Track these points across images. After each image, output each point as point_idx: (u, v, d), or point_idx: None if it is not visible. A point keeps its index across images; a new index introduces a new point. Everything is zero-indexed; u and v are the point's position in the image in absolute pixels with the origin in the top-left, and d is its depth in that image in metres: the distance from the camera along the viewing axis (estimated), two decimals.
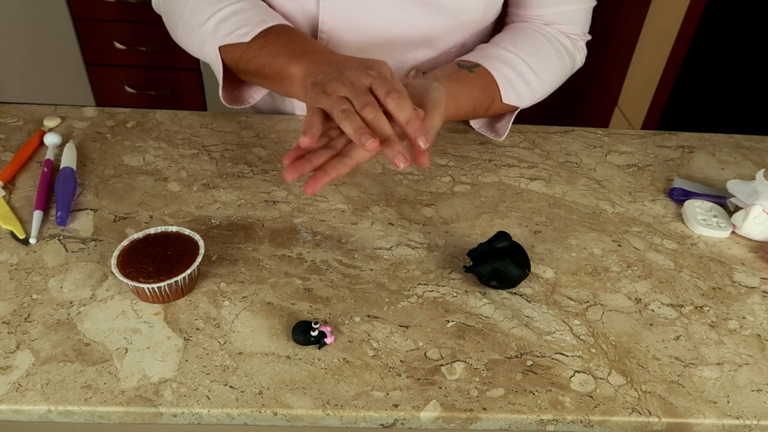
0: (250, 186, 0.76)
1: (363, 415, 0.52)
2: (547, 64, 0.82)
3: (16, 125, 0.84)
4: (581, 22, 0.86)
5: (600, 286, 0.66)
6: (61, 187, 0.71)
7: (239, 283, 0.63)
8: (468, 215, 0.74)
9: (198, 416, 0.52)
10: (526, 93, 0.80)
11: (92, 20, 2.10)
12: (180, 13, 0.77)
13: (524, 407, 0.53)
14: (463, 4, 0.78)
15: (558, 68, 0.84)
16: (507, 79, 0.78)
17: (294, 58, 0.67)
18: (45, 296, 0.60)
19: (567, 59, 0.85)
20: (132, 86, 2.23)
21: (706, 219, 0.74)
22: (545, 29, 0.84)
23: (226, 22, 0.73)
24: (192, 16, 0.76)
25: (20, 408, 0.51)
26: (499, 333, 0.60)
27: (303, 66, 0.66)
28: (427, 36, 0.81)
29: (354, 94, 0.57)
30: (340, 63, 0.62)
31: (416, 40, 0.82)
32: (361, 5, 0.78)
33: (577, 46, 0.87)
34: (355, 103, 0.56)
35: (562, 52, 0.84)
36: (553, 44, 0.83)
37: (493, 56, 0.79)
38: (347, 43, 0.82)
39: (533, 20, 0.85)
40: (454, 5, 0.78)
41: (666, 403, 0.55)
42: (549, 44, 0.83)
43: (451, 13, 0.79)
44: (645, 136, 0.92)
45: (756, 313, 0.64)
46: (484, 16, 0.80)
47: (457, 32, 0.82)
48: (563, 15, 0.84)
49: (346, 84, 0.58)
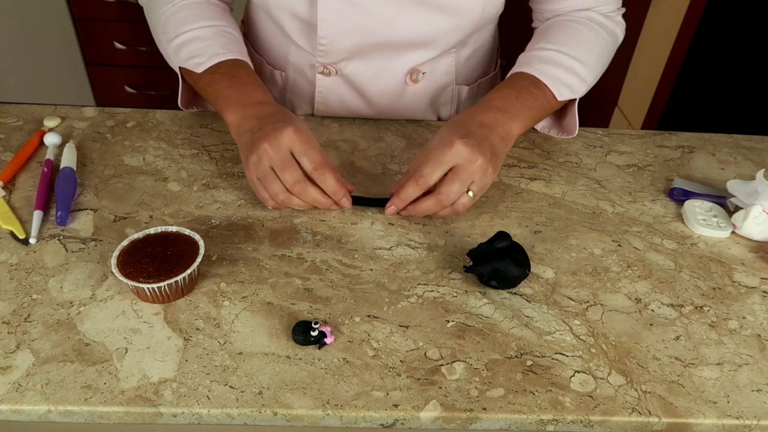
0: (250, 186, 0.76)
1: (363, 415, 0.52)
2: (589, 49, 0.81)
3: (16, 125, 0.84)
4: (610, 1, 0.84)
5: (600, 286, 0.66)
6: (61, 187, 0.71)
7: (239, 283, 0.63)
8: (468, 215, 0.74)
9: (198, 416, 0.52)
10: (577, 84, 0.79)
11: (92, 20, 2.10)
12: (155, 23, 0.82)
13: (524, 407, 0.53)
14: (461, 3, 0.78)
15: (601, 49, 0.82)
16: (554, 77, 0.77)
17: (229, 106, 0.73)
18: (45, 296, 0.60)
19: (607, 37, 0.83)
20: (132, 86, 2.23)
21: (706, 219, 0.74)
22: (578, 15, 0.83)
23: (186, 46, 0.77)
24: (162, 32, 0.81)
25: (20, 408, 0.51)
26: (499, 333, 0.60)
27: (235, 118, 0.72)
28: (425, 37, 0.81)
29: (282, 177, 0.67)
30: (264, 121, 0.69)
31: (415, 41, 0.82)
32: (359, 8, 0.77)
33: (615, 21, 0.85)
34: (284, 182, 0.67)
35: (600, 32, 0.82)
36: (589, 27, 0.82)
37: (533, 60, 0.79)
38: (345, 47, 0.82)
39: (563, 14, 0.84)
40: (453, 5, 0.78)
41: (666, 403, 0.54)
42: (585, 29, 0.82)
43: (450, 13, 0.78)
44: (645, 136, 0.92)
45: (756, 313, 0.64)
46: (483, 15, 0.80)
47: (456, 32, 0.82)
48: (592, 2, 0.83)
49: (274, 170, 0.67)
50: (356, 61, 0.85)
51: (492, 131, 0.70)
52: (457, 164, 0.66)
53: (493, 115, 0.72)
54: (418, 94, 0.90)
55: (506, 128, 0.72)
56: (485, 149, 0.67)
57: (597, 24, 0.83)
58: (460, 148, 0.66)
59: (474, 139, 0.67)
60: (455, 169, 0.67)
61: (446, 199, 0.67)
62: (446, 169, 0.67)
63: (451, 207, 0.69)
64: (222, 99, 0.73)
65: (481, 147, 0.67)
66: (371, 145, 0.85)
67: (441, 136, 0.69)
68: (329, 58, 0.84)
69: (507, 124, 0.72)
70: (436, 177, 0.67)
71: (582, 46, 0.80)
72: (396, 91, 0.89)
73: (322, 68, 0.86)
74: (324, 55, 0.83)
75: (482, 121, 0.71)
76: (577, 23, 0.82)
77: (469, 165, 0.66)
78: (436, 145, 0.68)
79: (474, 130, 0.69)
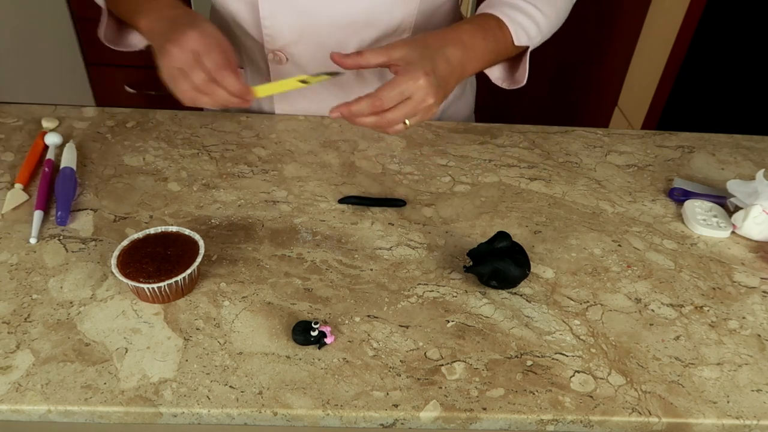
0: (250, 186, 0.76)
1: (363, 415, 0.52)
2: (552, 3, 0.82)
3: (16, 125, 0.84)
4: None
5: (600, 286, 0.66)
6: (61, 187, 0.71)
7: (239, 283, 0.63)
8: (468, 215, 0.74)
9: (198, 416, 0.52)
10: (535, 32, 0.80)
11: (92, 20, 2.09)
12: None
13: (524, 407, 0.53)
14: None
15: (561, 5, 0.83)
16: (516, 22, 0.78)
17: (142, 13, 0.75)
18: (45, 296, 0.60)
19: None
20: (132, 86, 2.23)
21: (706, 219, 0.74)
22: None
23: None
24: None
25: (20, 408, 0.51)
26: (499, 333, 0.60)
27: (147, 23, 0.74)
28: (367, 15, 0.81)
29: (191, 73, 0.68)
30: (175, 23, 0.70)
31: (357, 21, 0.81)
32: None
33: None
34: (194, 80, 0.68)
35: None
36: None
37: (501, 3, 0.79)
38: (289, 26, 0.81)
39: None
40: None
41: (666, 403, 0.55)
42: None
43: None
44: (645, 136, 0.92)
45: (756, 313, 0.64)
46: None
47: (397, 9, 0.81)
48: None
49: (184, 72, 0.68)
50: (303, 45, 0.84)
51: (453, 72, 0.71)
52: (410, 97, 0.67)
53: (460, 52, 0.72)
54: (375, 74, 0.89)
55: (465, 69, 0.73)
56: (439, 91, 0.69)
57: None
58: (423, 84, 0.67)
59: (436, 79, 0.68)
60: (407, 100, 0.67)
61: (386, 123, 0.68)
62: (403, 99, 0.67)
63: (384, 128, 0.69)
64: (136, 11, 0.76)
65: (437, 88, 0.68)
66: (371, 145, 0.85)
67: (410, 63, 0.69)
68: (276, 43, 0.83)
69: (468, 64, 0.73)
70: (390, 104, 0.67)
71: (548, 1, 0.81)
72: (351, 75, 0.87)
73: (272, 55, 0.85)
74: (270, 39, 0.83)
75: (449, 57, 0.71)
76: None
77: (421, 102, 0.67)
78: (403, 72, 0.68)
79: (440, 66, 0.70)
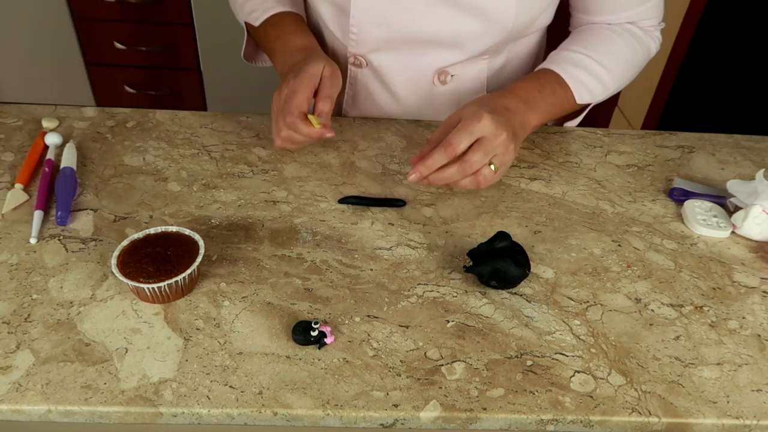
0: (250, 186, 0.76)
1: (363, 415, 0.52)
2: (618, 58, 0.83)
3: (16, 125, 0.84)
4: (654, 15, 0.86)
5: (600, 286, 0.66)
6: (61, 187, 0.71)
7: (239, 283, 0.63)
8: (468, 215, 0.74)
9: (198, 416, 0.52)
10: (599, 90, 0.82)
11: (92, 20, 2.10)
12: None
13: (524, 407, 0.53)
14: (491, 6, 0.77)
15: (630, 59, 0.84)
16: (578, 80, 0.80)
17: (275, 56, 0.83)
18: (45, 296, 0.60)
19: (638, 48, 0.85)
20: (132, 86, 2.23)
21: (706, 219, 0.74)
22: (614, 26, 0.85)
23: (248, 2, 0.87)
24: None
25: (20, 408, 0.51)
26: (499, 333, 0.60)
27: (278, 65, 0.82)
28: (455, 37, 0.81)
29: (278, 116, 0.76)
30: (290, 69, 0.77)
31: (444, 41, 0.82)
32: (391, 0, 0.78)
33: (652, 36, 0.87)
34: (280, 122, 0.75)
35: (632, 42, 0.84)
36: (623, 37, 0.84)
37: (563, 60, 0.81)
38: (375, 37, 0.83)
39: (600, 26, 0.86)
40: (483, 7, 0.77)
41: (666, 403, 0.55)
42: (619, 38, 0.83)
43: (480, 15, 0.78)
44: (645, 136, 0.92)
45: (756, 313, 0.64)
46: (515, 24, 0.79)
47: (485, 37, 0.81)
48: (634, 16, 0.85)
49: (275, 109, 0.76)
50: (385, 54, 0.85)
51: (514, 115, 0.73)
52: (483, 136, 0.68)
53: (515, 102, 0.75)
54: (446, 97, 0.90)
55: (525, 117, 0.75)
56: (509, 127, 0.70)
57: (632, 35, 0.85)
58: (488, 121, 0.68)
59: (499, 117, 0.70)
60: (481, 140, 0.68)
61: (469, 167, 0.68)
62: (473, 140, 0.68)
63: (474, 178, 0.70)
64: (270, 49, 0.84)
65: (506, 125, 0.70)
66: (371, 145, 0.85)
67: (468, 110, 0.70)
68: (360, 49, 0.85)
69: (526, 114, 0.75)
70: (464, 146, 0.68)
71: (612, 54, 0.82)
72: (423, 91, 0.89)
73: (353, 58, 0.87)
74: (355, 44, 0.84)
75: (506, 104, 0.74)
76: (612, 32, 0.84)
77: (494, 138, 0.68)
78: (465, 117, 0.69)
79: (498, 110, 0.72)
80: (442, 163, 0.69)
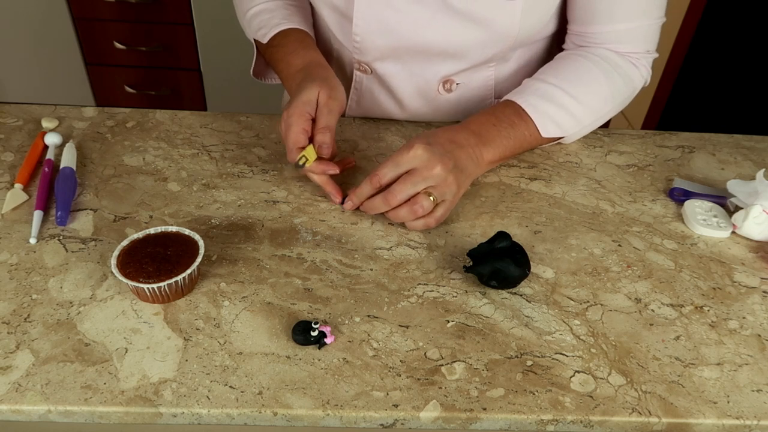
0: (250, 186, 0.76)
1: (363, 415, 0.52)
2: (593, 90, 0.79)
3: (15, 125, 0.84)
4: (640, 40, 0.81)
5: (600, 286, 0.66)
6: (61, 187, 0.71)
7: (239, 283, 0.63)
8: (468, 215, 0.74)
9: (198, 416, 0.52)
10: (569, 123, 0.79)
11: (92, 20, 2.10)
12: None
13: (524, 407, 0.53)
14: (495, 16, 0.76)
15: (606, 91, 0.80)
16: (542, 112, 0.77)
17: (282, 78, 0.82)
18: (45, 296, 0.60)
19: (618, 79, 0.81)
20: (132, 86, 2.23)
21: (706, 219, 0.74)
22: (593, 52, 0.81)
23: (255, 18, 0.87)
24: (239, 4, 0.91)
25: (20, 408, 0.51)
26: (499, 333, 0.60)
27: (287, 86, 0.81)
28: (458, 46, 0.80)
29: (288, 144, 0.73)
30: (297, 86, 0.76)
31: (448, 50, 0.81)
32: (393, 9, 0.77)
33: (637, 64, 0.82)
34: None
35: (611, 73, 0.80)
36: (600, 66, 0.80)
37: (528, 91, 0.78)
38: (379, 46, 0.82)
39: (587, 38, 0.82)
40: (487, 17, 0.76)
41: (666, 403, 0.55)
42: (595, 67, 0.80)
43: (484, 25, 0.77)
44: (645, 136, 0.92)
45: (756, 313, 0.64)
46: (520, 33, 0.78)
47: (489, 46, 0.80)
48: (617, 34, 0.80)
49: None
50: (389, 62, 0.85)
51: (460, 149, 0.71)
52: (413, 168, 0.67)
53: (466, 136, 0.73)
54: (452, 105, 0.90)
55: (476, 151, 0.73)
56: (446, 159, 0.68)
57: (611, 65, 0.80)
58: (419, 152, 0.66)
59: (436, 148, 0.68)
60: (410, 171, 0.67)
61: (392, 197, 0.67)
62: (402, 171, 0.68)
63: (410, 208, 0.67)
64: (278, 70, 0.83)
65: (443, 156, 0.67)
66: (371, 145, 0.85)
67: (406, 142, 0.69)
68: (364, 56, 0.85)
69: (478, 147, 0.73)
70: (389, 177, 0.68)
71: (584, 84, 0.79)
72: (429, 98, 0.88)
73: (358, 65, 0.87)
74: (359, 52, 0.84)
75: (453, 138, 0.72)
76: (586, 60, 0.80)
77: (425, 170, 0.67)
78: (398, 149, 0.69)
79: (441, 142, 0.70)
80: (369, 194, 0.69)
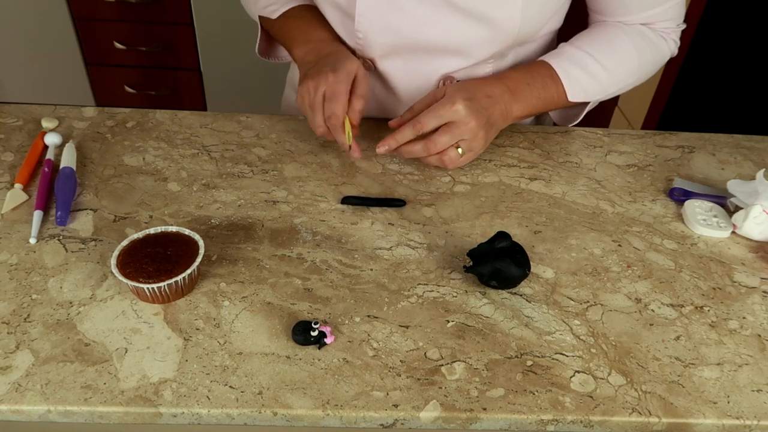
0: (250, 186, 0.76)
1: (363, 415, 0.52)
2: (621, 58, 0.83)
3: (15, 125, 0.84)
4: (672, 17, 0.85)
5: (600, 286, 0.66)
6: (60, 187, 0.71)
7: (239, 283, 0.63)
8: (468, 215, 0.74)
9: (198, 416, 0.52)
10: (595, 89, 0.82)
11: (92, 20, 2.10)
12: None
13: (524, 407, 0.53)
14: (496, 14, 0.76)
15: (634, 61, 0.83)
16: (572, 77, 0.80)
17: (297, 42, 0.84)
18: (45, 296, 0.60)
19: (648, 53, 0.84)
20: (132, 86, 2.23)
21: (706, 219, 0.74)
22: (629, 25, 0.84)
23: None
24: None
25: (20, 408, 0.51)
26: (499, 333, 0.60)
27: (300, 52, 0.83)
28: (460, 44, 0.81)
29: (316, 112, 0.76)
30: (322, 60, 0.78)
31: (449, 48, 0.81)
32: (394, 7, 0.78)
33: (667, 38, 0.86)
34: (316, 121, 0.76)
35: (641, 44, 0.83)
36: (633, 40, 0.83)
37: (562, 55, 0.82)
38: (380, 43, 0.82)
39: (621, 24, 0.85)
40: (488, 14, 0.76)
41: (666, 403, 0.54)
42: (626, 37, 0.83)
43: (485, 22, 0.77)
44: (645, 136, 0.92)
45: (756, 313, 0.64)
46: (521, 31, 0.79)
47: (490, 44, 0.81)
48: (650, 17, 0.84)
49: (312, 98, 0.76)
50: (391, 60, 0.85)
51: (495, 104, 0.76)
52: (453, 121, 0.73)
53: (500, 91, 0.77)
54: None
55: (508, 107, 0.78)
56: (481, 116, 0.74)
57: (642, 36, 0.84)
58: (460, 107, 0.72)
59: (474, 104, 0.73)
60: (449, 124, 0.73)
61: (433, 146, 0.73)
62: (442, 123, 0.73)
63: (439, 157, 0.75)
64: (291, 38, 0.84)
65: (478, 113, 0.73)
66: (371, 145, 0.85)
67: (446, 93, 0.74)
68: (366, 53, 0.85)
69: (510, 104, 0.78)
70: (431, 126, 0.73)
71: (615, 54, 0.82)
72: None
73: (362, 61, 0.87)
74: (361, 49, 0.84)
75: (489, 92, 0.76)
76: (622, 31, 0.83)
77: (462, 124, 0.73)
78: (440, 99, 0.74)
79: (478, 97, 0.75)
80: (409, 138, 0.74)
